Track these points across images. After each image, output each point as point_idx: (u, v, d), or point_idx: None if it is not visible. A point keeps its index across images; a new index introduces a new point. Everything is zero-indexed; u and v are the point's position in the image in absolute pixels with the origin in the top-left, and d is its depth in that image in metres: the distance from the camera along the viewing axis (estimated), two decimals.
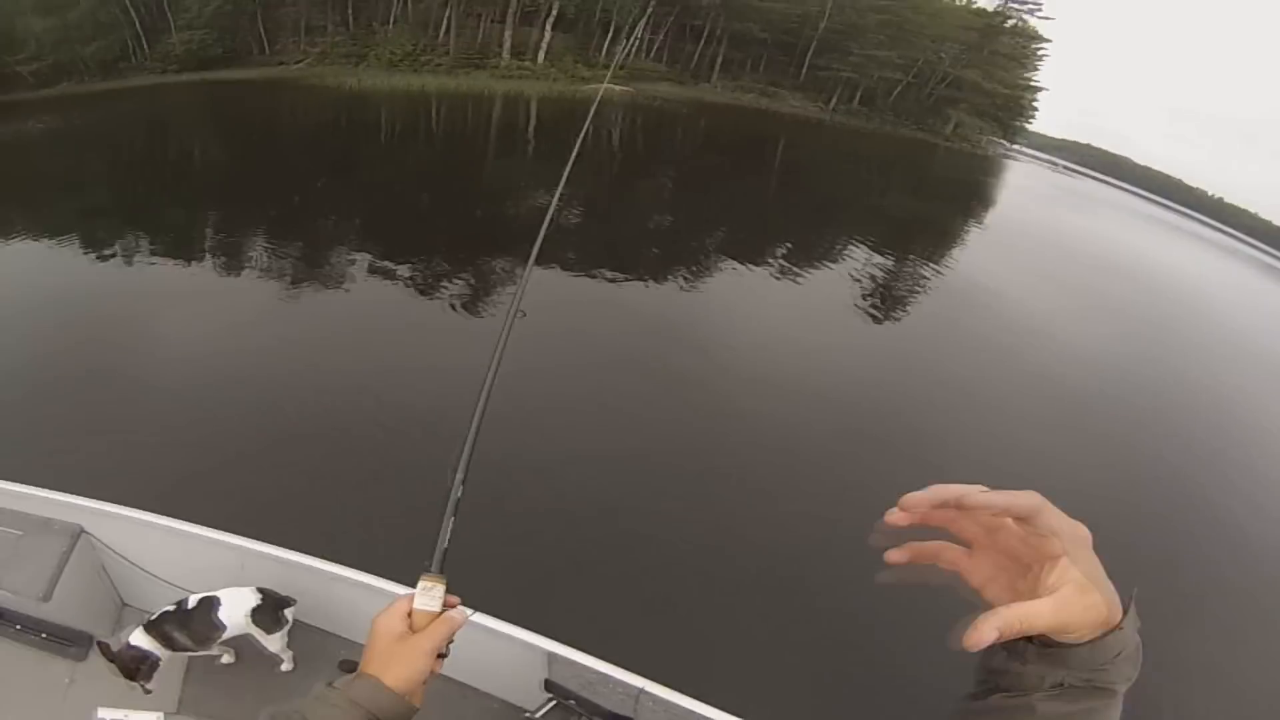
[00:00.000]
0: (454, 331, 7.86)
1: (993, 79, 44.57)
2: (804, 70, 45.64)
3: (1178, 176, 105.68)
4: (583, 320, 7.99)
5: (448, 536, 0.89)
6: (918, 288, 12.00)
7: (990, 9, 45.90)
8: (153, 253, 10.86)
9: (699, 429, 6.47)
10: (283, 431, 5.75)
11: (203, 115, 32.51)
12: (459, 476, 0.97)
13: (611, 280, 9.08)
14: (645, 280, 9.45)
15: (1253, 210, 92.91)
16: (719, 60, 44.46)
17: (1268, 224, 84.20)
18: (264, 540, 2.76)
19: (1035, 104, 50.92)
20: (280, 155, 19.67)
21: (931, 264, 13.75)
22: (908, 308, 11.10)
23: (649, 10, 40.59)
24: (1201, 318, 17.43)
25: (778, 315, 9.36)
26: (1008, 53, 46.40)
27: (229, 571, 2.81)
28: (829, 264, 12.20)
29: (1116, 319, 13.78)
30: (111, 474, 4.81)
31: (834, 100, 44.57)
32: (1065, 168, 63.04)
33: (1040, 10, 45.22)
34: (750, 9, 41.28)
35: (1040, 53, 49.34)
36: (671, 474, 5.81)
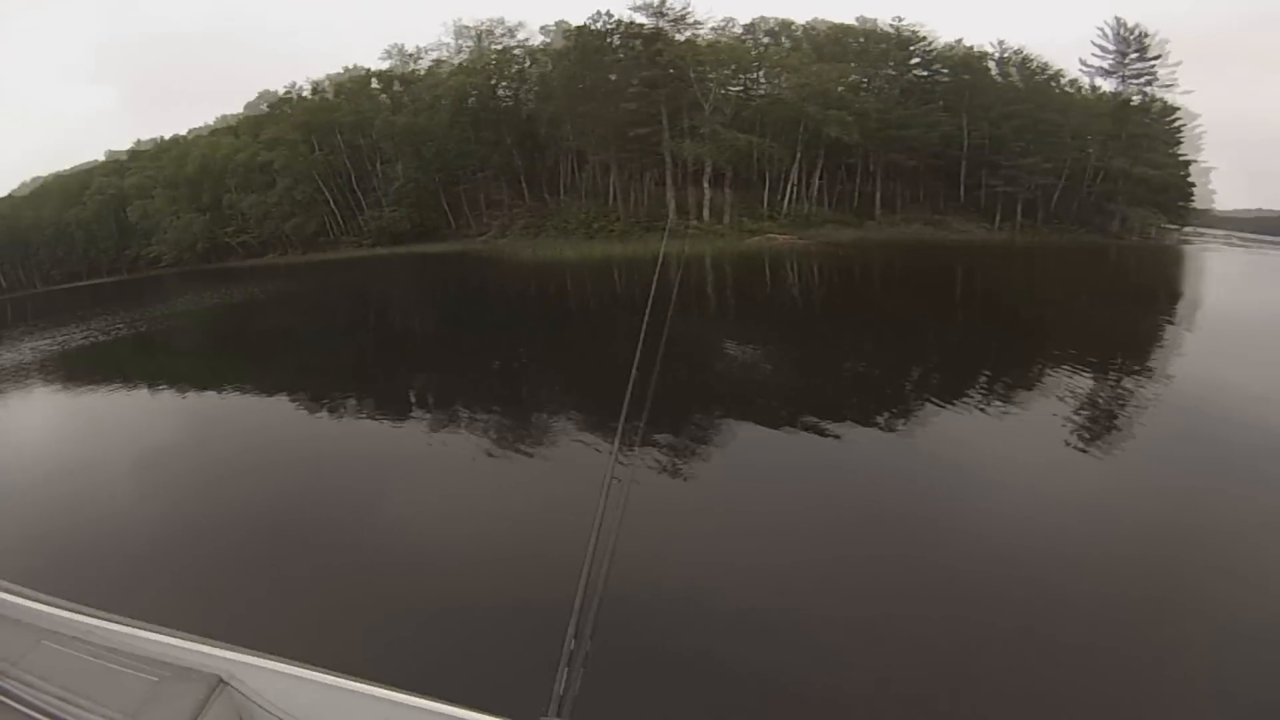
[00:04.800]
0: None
1: (1140, 162, 41.75)
2: (962, 192, 44.61)
3: None
4: (793, 475, 7.54)
5: (562, 684, 1.10)
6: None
7: (1112, 91, 44.27)
8: (358, 412, 11.77)
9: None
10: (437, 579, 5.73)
11: (390, 285, 36.30)
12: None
13: (815, 431, 8.57)
14: (847, 429, 8.72)
15: None
16: (878, 196, 44.85)
17: None
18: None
19: (1191, 182, 47.17)
20: (445, 319, 22.29)
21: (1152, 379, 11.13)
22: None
23: (797, 156, 42.16)
24: None
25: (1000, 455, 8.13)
26: (1150, 133, 43.60)
27: None
28: (1047, 395, 10.19)
29: None
30: (275, 630, 4.83)
31: (997, 218, 43.06)
32: (1241, 239, 54.99)
33: (1156, 81, 42.94)
34: (892, 139, 41.79)
35: (1198, 130, 46.67)
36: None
